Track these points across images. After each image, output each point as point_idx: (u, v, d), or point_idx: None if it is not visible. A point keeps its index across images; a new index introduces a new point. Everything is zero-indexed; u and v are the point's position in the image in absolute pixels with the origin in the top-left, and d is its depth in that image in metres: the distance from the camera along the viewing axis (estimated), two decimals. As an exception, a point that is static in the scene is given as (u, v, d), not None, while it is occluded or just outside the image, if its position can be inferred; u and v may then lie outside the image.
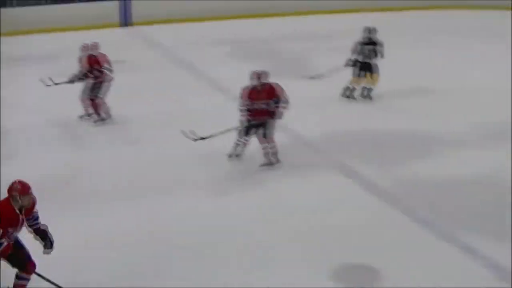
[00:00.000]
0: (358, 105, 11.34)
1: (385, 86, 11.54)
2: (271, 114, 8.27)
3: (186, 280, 5.93)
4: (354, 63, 11.24)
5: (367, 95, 11.48)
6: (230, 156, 8.59)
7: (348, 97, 11.44)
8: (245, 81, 8.43)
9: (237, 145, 8.54)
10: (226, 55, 14.78)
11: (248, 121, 8.30)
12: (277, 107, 8.24)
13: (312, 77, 12.47)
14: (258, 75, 8.22)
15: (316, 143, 9.55)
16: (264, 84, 8.22)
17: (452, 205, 7.60)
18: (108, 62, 10.16)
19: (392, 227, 7.07)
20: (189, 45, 15.75)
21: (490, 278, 6.07)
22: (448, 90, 11.85)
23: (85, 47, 10.15)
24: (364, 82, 11.41)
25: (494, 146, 9.23)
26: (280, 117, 8.32)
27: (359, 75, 11.28)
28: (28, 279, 5.34)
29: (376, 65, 11.24)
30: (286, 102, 8.26)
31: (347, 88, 11.44)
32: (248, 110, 8.23)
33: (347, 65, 11.29)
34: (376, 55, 11.18)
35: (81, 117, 10.33)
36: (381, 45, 11.21)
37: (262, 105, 8.20)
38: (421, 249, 6.60)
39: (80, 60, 10.14)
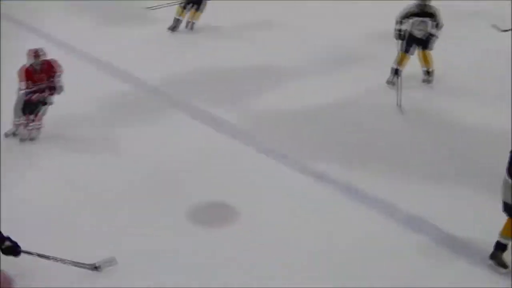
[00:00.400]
0: (193, 40, 11.36)
1: (225, 20, 11.77)
2: (52, 90, 7.78)
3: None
4: None
5: (190, 28, 11.74)
6: (6, 135, 7.85)
7: (172, 29, 11.65)
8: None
9: (17, 125, 7.82)
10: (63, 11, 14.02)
11: (28, 100, 7.69)
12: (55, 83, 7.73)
13: (148, 8, 12.29)
14: (36, 53, 7.62)
15: (157, 87, 9.34)
16: (42, 63, 7.66)
17: (301, 136, 7.81)
18: None
19: (245, 162, 7.16)
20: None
21: (344, 201, 6.40)
22: (288, 22, 11.96)
23: None
24: (189, 16, 11.69)
25: (337, 74, 9.46)
26: (59, 92, 7.80)
27: (184, 8, 11.56)
28: None
29: (203, 2, 11.51)
30: (60, 76, 7.78)
31: (176, 20, 11.64)
32: (30, 91, 7.65)
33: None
34: None
35: None
36: None
37: (43, 85, 7.69)
38: (276, 181, 6.75)
39: None
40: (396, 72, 8.84)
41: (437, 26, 8.67)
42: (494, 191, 5.69)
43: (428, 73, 9.04)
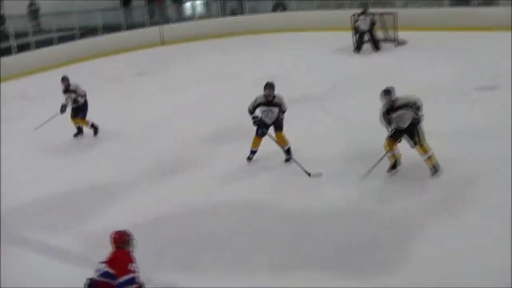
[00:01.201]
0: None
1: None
2: None
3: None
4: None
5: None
6: None
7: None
8: None
9: None
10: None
11: None
12: None
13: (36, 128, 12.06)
14: None
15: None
16: None
17: (140, 249, 7.10)
18: None
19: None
20: None
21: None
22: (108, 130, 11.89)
23: None
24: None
25: (168, 183, 9.30)
26: None
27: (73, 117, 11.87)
28: None
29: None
30: None
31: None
32: None
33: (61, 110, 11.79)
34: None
35: None
36: (75, 92, 11.69)
37: None
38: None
39: None
40: (253, 152, 9.67)
41: (282, 111, 9.37)
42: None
43: (287, 151, 9.45)
